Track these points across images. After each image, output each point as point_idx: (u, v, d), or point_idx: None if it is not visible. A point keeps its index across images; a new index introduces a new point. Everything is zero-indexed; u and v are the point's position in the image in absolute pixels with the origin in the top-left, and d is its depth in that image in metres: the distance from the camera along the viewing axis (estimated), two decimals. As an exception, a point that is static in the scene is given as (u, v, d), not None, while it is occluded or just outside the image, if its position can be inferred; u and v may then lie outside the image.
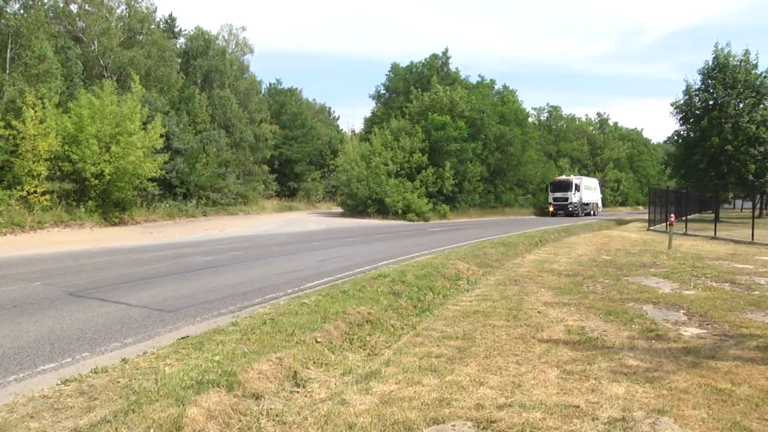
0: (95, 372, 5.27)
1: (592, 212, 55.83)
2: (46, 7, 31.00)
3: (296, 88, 61.85)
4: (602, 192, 65.51)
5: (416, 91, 47.80)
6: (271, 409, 4.86)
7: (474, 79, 55.48)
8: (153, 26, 39.02)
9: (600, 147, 79.14)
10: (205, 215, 32.44)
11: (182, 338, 6.57)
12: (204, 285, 10.57)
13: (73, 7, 35.08)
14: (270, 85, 58.99)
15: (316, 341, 6.50)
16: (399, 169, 40.09)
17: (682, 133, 42.07)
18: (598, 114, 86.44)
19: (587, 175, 67.64)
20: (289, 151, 49.56)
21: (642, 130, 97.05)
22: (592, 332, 7.15)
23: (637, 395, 4.97)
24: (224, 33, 47.69)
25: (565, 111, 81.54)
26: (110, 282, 10.59)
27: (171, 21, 43.43)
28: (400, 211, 37.28)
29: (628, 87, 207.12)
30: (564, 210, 51.26)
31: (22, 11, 27.33)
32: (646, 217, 34.26)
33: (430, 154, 41.69)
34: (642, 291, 10.28)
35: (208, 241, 18.95)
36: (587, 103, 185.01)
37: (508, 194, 53.67)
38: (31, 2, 28.99)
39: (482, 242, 18.55)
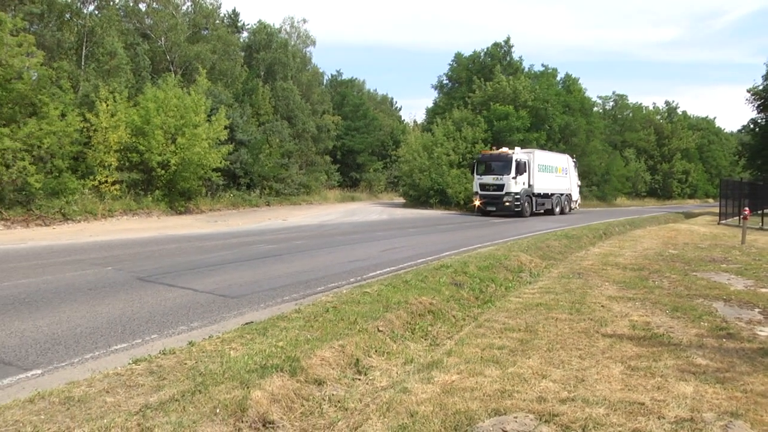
0: (164, 353, 5.45)
1: (558, 208, 34.99)
2: (117, 6, 32.18)
3: (358, 79, 62.16)
4: (578, 177, 40.06)
5: (479, 80, 47.18)
6: (333, 395, 4.89)
7: (537, 68, 54.27)
8: (217, 21, 39.88)
9: (667, 137, 75.79)
10: (268, 205, 33.03)
11: (247, 324, 6.70)
12: (267, 273, 10.75)
13: (142, 6, 36.29)
14: (332, 76, 59.49)
15: (378, 330, 6.50)
16: (461, 159, 39.69)
17: (759, 121, 39.85)
18: (666, 102, 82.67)
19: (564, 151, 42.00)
20: (351, 142, 49.86)
21: (714, 119, 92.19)
22: (657, 328, 6.89)
23: (707, 396, 4.73)
24: (286, 26, 48.38)
25: (632, 100, 78.11)
26: (177, 268, 10.91)
27: (234, 16, 44.26)
28: (461, 202, 36.97)
29: (700, 73, 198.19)
30: (497, 204, 30.44)
31: (96, 12, 28.49)
32: (717, 210, 32.75)
33: (493, 144, 41.21)
34: (712, 287, 9.82)
35: (272, 230, 19.27)
36: (654, 91, 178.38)
37: (572, 185, 51.82)
38: (104, 3, 30.17)
39: (545, 234, 18.19)
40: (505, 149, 32.13)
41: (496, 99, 43.81)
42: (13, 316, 7.01)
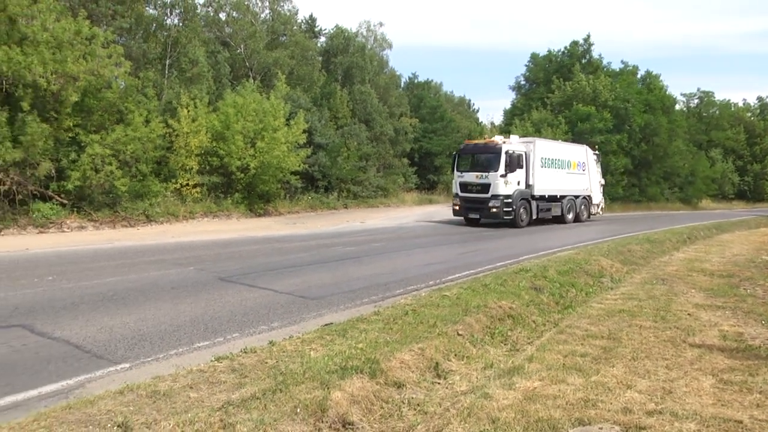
0: (245, 352, 5.55)
1: (572, 214, 26.14)
2: (199, 17, 33.48)
3: (434, 81, 61.88)
4: (601, 174, 30.44)
5: (557, 80, 46.08)
6: (412, 398, 4.84)
7: (616, 65, 52.49)
8: (295, 28, 40.76)
9: (759, 135, 71.09)
10: (345, 207, 33.39)
11: (326, 325, 6.75)
12: (346, 274, 10.83)
13: (222, 15, 37.58)
14: (409, 78, 59.55)
15: (458, 334, 6.41)
16: (541, 161, 38.77)
17: None
18: (759, 98, 77.69)
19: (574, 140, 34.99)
20: (428, 144, 49.66)
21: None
22: (752, 340, 6.44)
23: (821, 417, 4.32)
24: (363, 30, 48.81)
25: (719, 96, 73.53)
26: (256, 269, 11.14)
27: (312, 21, 45.11)
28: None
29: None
30: (481, 211, 22.59)
31: (179, 23, 29.77)
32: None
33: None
34: (818, 295, 9.14)
35: (349, 233, 19.44)
36: (745, 86, 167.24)
37: (654, 188, 49.12)
38: (187, 14, 31.47)
39: (626, 238, 17.49)
40: (496, 138, 23.32)
41: (576, 99, 42.69)
42: (103, 313, 7.34)
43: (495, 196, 21.56)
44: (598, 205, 28.86)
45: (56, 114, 17.67)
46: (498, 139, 22.99)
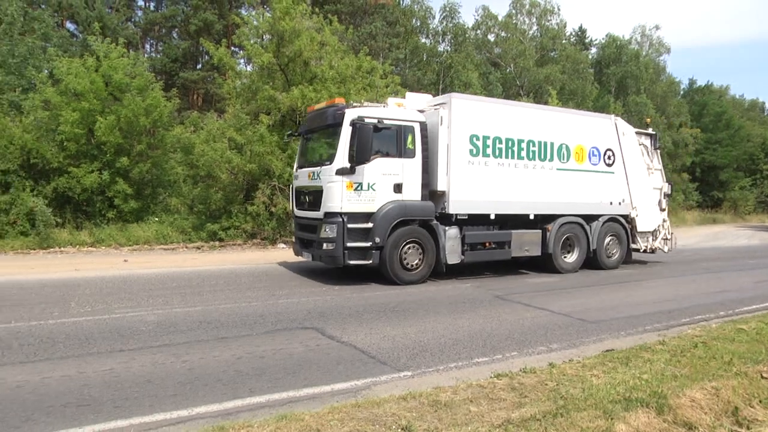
0: (524, 371, 5.49)
1: (575, 255, 13.43)
2: (469, 40, 34.77)
3: (719, 85, 55.42)
4: (662, 173, 15.66)
5: None
6: (709, 443, 4.26)
7: None
8: (564, 41, 40.00)
9: None
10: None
11: (607, 351, 6.41)
12: (625, 298, 10.24)
13: (491, 36, 38.48)
14: (689, 84, 54.24)
15: (762, 376, 5.48)
16: None
17: None
18: None
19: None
20: (712, 157, 44.50)
21: None
22: None
23: None
24: (636, 35, 45.86)
25: None
26: (530, 288, 11.03)
27: (581, 33, 43.83)
28: None
29: None
30: (313, 247, 11.32)
31: (449, 48, 31.39)
32: None
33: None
34: None
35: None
36: None
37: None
38: (458, 39, 32.96)
39: None
40: (340, 100, 11.91)
41: None
42: (385, 322, 7.84)
43: (328, 218, 10.68)
44: (655, 233, 15.07)
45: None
46: (360, 107, 11.28)
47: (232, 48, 25.85)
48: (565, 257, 13.27)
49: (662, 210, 15.13)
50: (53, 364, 5.74)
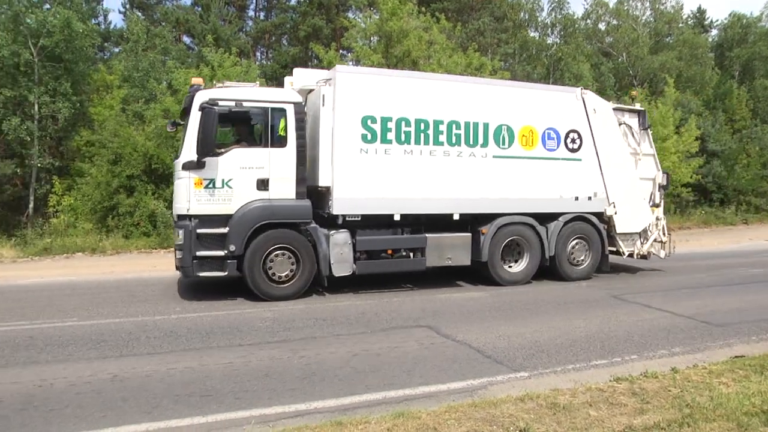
0: (645, 376, 5.32)
1: (527, 261, 10.84)
2: (578, 30, 33.64)
3: None
4: (655, 159, 12.32)
5: None
6: None
7: None
8: (681, 25, 37.70)
9: None
10: (745, 223, 29.18)
11: (737, 357, 6.08)
12: (756, 301, 9.55)
13: (602, 25, 36.95)
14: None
15: None
16: None
17: None
18: None
19: None
20: None
21: None
22: None
23: None
24: (767, 11, 42.24)
25: None
26: (648, 288, 10.58)
27: (700, 14, 41.13)
28: None
29: None
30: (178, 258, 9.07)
31: (558, 40, 30.51)
32: None
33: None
34: None
35: (755, 252, 16.90)
36: None
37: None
38: (567, 31, 32.02)
39: None
40: (198, 81, 9.69)
41: None
42: (499, 321, 7.83)
43: (179, 221, 9.09)
44: (645, 235, 12.06)
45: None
46: (218, 87, 9.69)
47: (341, 51, 26.48)
48: (509, 266, 10.71)
49: (655, 206, 12.04)
50: (177, 356, 6.20)
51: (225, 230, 8.73)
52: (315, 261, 9.20)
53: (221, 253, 8.72)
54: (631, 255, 11.78)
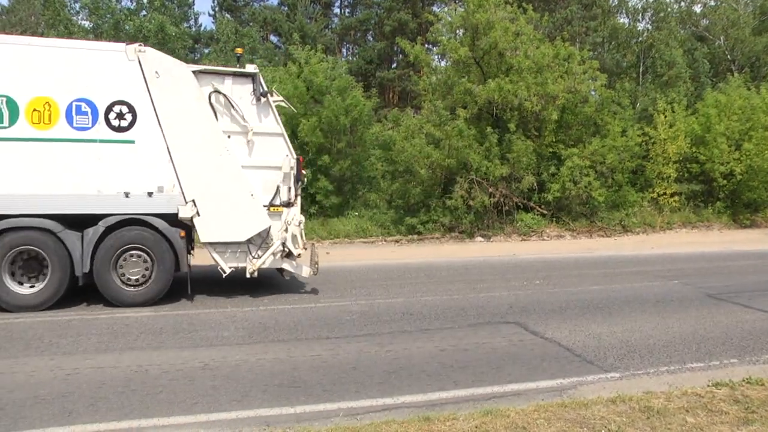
0: (748, 382, 5.10)
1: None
2: (671, 15, 31.95)
3: None
4: (288, 148, 8.97)
5: None
6: None
7: None
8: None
9: None
10: None
11: None
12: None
13: (697, 8, 34.93)
14: None
15: None
16: None
17: None
18: None
19: None
20: None
21: None
22: None
23: None
24: None
25: None
26: (749, 288, 9.99)
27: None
28: None
29: None
30: None
31: (649, 26, 29.09)
32: None
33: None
34: None
35: None
36: None
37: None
38: (659, 16, 30.48)
39: None
40: None
41: None
42: (590, 320, 7.64)
43: None
44: (263, 244, 8.75)
45: (537, 132, 19.35)
46: None
47: (426, 45, 26.46)
48: (18, 287, 7.92)
49: (281, 205, 8.89)
50: (265, 346, 6.40)
51: None
52: None
53: None
54: (244, 272, 8.78)
